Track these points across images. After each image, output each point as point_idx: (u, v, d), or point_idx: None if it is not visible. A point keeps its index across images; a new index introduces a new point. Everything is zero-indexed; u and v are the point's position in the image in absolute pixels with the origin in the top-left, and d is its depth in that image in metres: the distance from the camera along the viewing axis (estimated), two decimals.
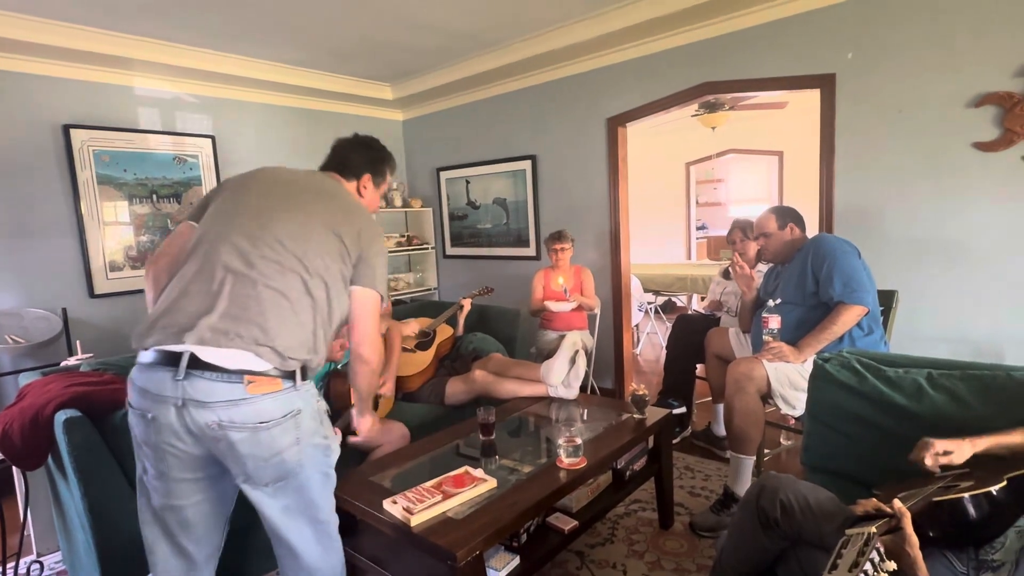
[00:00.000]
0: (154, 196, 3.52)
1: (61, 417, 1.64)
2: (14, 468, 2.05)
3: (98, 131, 3.26)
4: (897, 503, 1.02)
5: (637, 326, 5.52)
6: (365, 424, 1.77)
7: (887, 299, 2.51)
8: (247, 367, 1.20)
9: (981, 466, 1.23)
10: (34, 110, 3.07)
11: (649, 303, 5.53)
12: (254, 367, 1.20)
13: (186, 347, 1.18)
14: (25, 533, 2.16)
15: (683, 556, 2.07)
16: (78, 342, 2.71)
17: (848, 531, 0.97)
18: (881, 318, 2.39)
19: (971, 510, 1.09)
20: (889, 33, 2.61)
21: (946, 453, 1.23)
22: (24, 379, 2.00)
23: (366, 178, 1.61)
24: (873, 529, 0.95)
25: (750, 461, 2.26)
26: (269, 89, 3.92)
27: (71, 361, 2.43)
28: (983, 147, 2.45)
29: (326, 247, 1.34)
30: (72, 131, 3.16)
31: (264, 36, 3.19)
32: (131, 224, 3.44)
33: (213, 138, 3.75)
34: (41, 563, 2.15)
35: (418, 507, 1.51)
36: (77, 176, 3.19)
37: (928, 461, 1.23)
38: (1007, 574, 1.01)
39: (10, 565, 1.99)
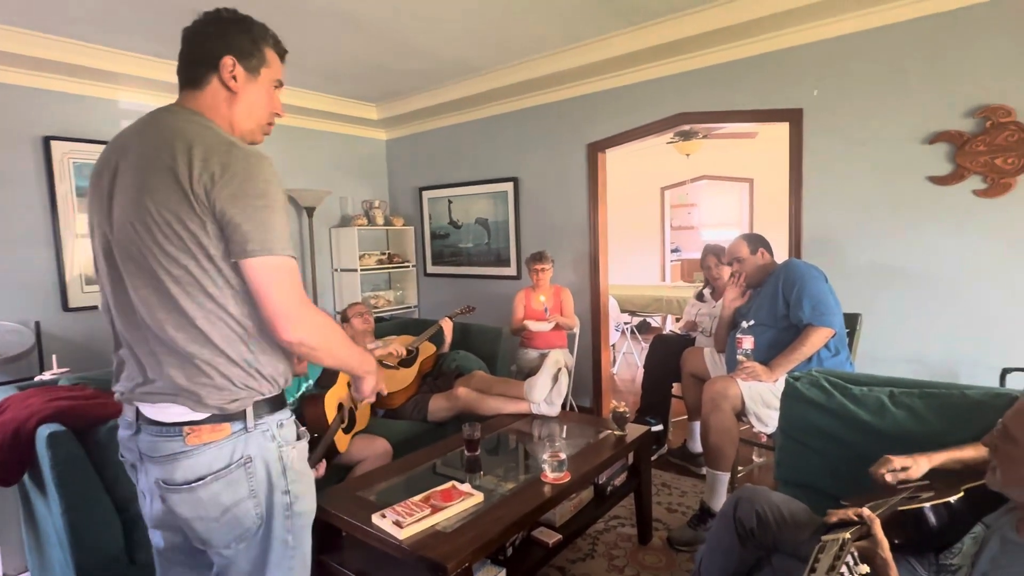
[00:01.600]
0: None
1: (44, 431, 1.63)
2: None
3: (80, 143, 3.23)
4: (867, 510, 1.10)
5: (613, 346, 5.62)
6: (368, 385, 1.26)
7: (852, 322, 2.64)
8: (183, 419, 1.01)
9: (939, 479, 1.33)
10: (15, 121, 3.03)
11: (625, 323, 5.64)
12: (191, 417, 1.01)
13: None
14: None
15: (662, 570, 2.12)
16: (54, 356, 2.66)
17: (824, 537, 1.04)
18: (847, 340, 2.53)
19: (932, 518, 1.18)
20: (851, 72, 2.79)
21: (904, 469, 1.33)
22: (3, 393, 1.97)
23: (227, 63, 1.08)
24: (847, 535, 1.03)
25: (725, 477, 2.34)
26: None
27: (47, 375, 2.39)
28: (937, 181, 2.63)
29: (174, 238, 0.97)
30: (53, 143, 3.13)
31: None
32: None
33: None
34: None
35: (408, 520, 1.54)
36: (56, 188, 3.16)
37: (888, 477, 1.33)
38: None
39: None
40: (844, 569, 0.94)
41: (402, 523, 1.53)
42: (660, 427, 3.14)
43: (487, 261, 4.45)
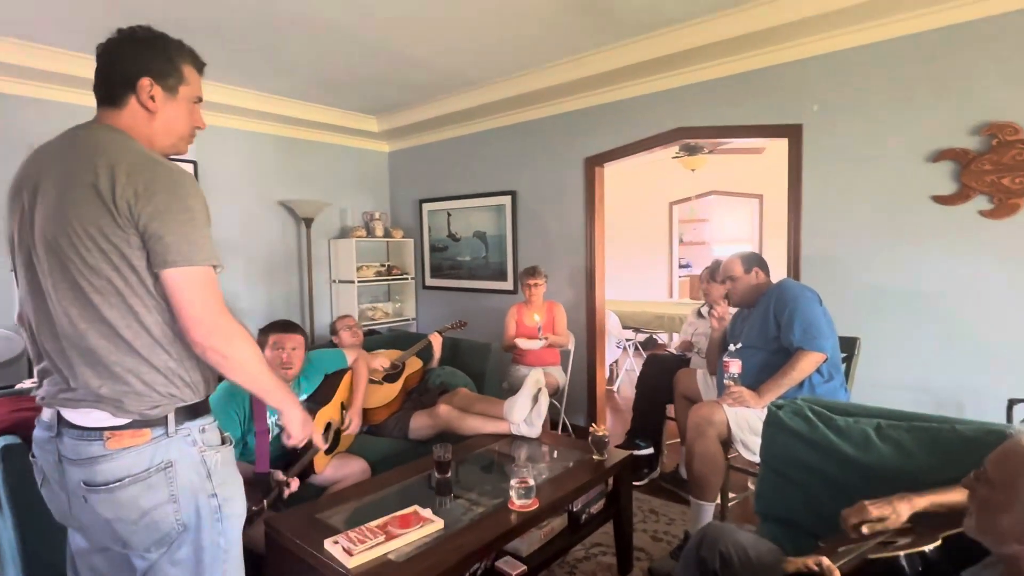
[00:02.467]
0: None
1: None
2: None
3: None
4: (826, 561, 1.02)
5: (616, 362, 5.52)
6: (292, 423, 1.23)
7: (849, 346, 2.53)
8: (104, 424, 1.03)
9: (921, 523, 1.23)
10: (5, 129, 3.07)
11: (628, 340, 5.54)
12: (112, 423, 1.03)
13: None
14: None
15: None
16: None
17: None
18: (842, 365, 2.42)
19: (905, 569, 1.08)
20: (853, 87, 2.70)
21: (880, 520, 1.22)
22: None
23: (145, 84, 1.07)
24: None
25: (710, 507, 2.23)
26: (254, 117, 3.97)
27: (27, 383, 2.39)
28: (942, 201, 2.52)
29: (96, 250, 0.99)
30: None
31: (250, 66, 3.25)
32: None
33: (195, 163, 3.78)
34: None
35: (358, 548, 1.48)
36: None
37: (865, 530, 1.22)
38: None
39: None
40: None
41: (352, 551, 1.46)
42: (650, 450, 3.03)
43: (485, 275, 4.40)
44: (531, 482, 1.76)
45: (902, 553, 1.10)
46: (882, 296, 2.69)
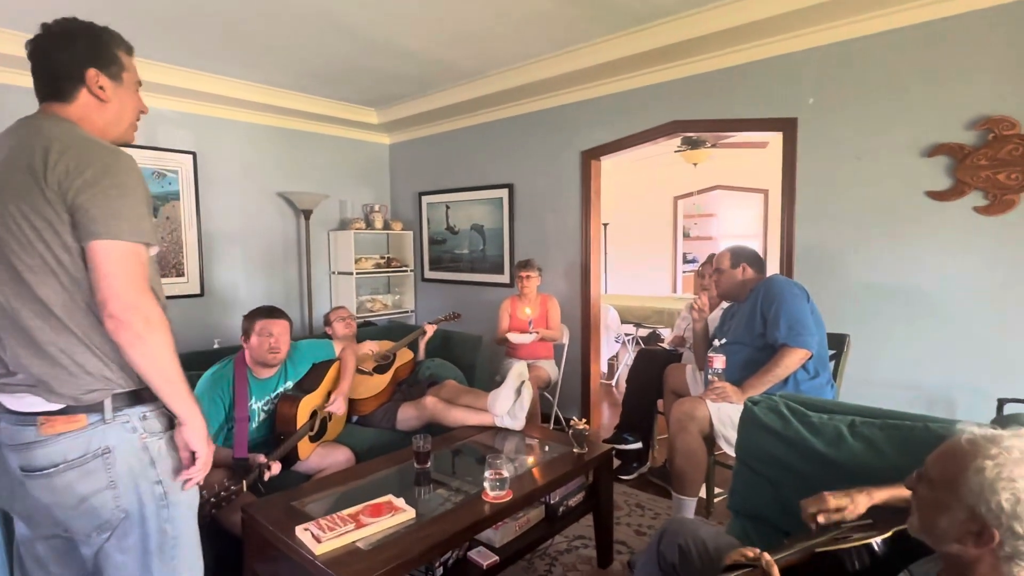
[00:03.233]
0: None
1: None
2: None
3: None
4: (765, 556, 1.01)
5: (616, 356, 5.51)
6: (194, 435, 1.11)
7: (838, 343, 2.51)
8: (38, 408, 1.03)
9: (884, 517, 1.22)
10: (10, 122, 3.12)
11: (627, 335, 5.52)
12: (45, 407, 1.03)
13: None
14: None
15: None
16: None
17: None
18: (830, 362, 2.39)
19: (853, 562, 1.08)
20: (848, 81, 2.66)
21: (839, 510, 1.22)
22: None
23: (92, 75, 1.10)
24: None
25: (692, 502, 2.23)
26: (253, 109, 4.00)
27: None
28: (936, 196, 2.48)
29: (28, 228, 1.00)
30: None
31: (248, 58, 3.27)
32: None
33: (194, 154, 3.81)
34: None
35: (327, 535, 1.50)
36: None
37: (821, 519, 1.22)
38: None
39: None
40: None
41: (321, 538, 1.49)
42: (638, 445, 3.03)
43: (482, 268, 4.40)
44: (505, 474, 1.77)
45: (849, 546, 1.09)
46: (874, 292, 2.66)
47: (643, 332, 5.81)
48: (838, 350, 2.50)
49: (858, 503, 1.22)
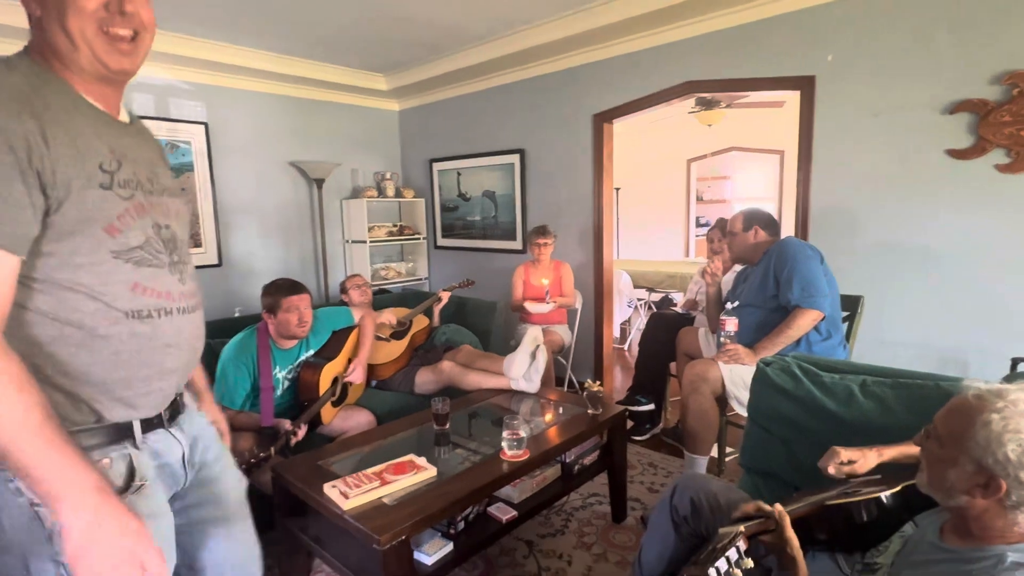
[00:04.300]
0: None
1: None
2: None
3: None
4: (778, 507, 1.06)
5: (628, 321, 5.54)
6: (69, 524, 0.74)
7: (852, 304, 2.51)
8: None
9: (891, 473, 1.26)
10: None
11: (640, 299, 5.54)
12: None
13: None
14: None
15: (629, 550, 2.11)
16: None
17: (721, 530, 1.01)
18: (843, 324, 2.40)
19: (862, 514, 1.12)
20: (869, 36, 2.58)
21: (850, 462, 1.26)
22: None
23: None
24: (741, 528, 1.00)
25: (703, 460, 2.29)
26: (264, 78, 3.98)
27: None
28: (956, 155, 2.43)
29: None
30: None
31: (257, 25, 3.24)
32: None
33: (206, 125, 3.82)
34: None
35: (354, 492, 1.57)
36: None
37: (831, 469, 1.27)
38: (882, 574, 1.04)
39: None
40: (723, 562, 0.92)
41: (348, 494, 1.56)
42: (651, 406, 3.09)
43: (495, 235, 4.42)
44: (522, 434, 1.83)
45: (858, 499, 1.14)
46: (890, 252, 2.64)
47: (655, 297, 5.82)
48: (852, 311, 2.51)
49: (868, 458, 1.26)
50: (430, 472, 1.70)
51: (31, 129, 0.74)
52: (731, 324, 2.29)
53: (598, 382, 2.25)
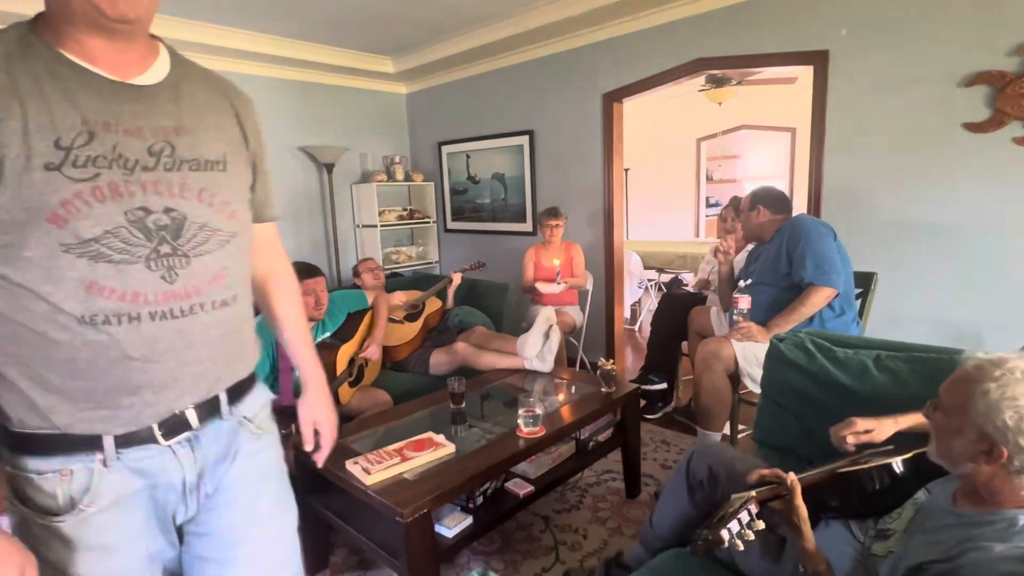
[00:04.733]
0: None
1: None
2: None
3: None
4: (791, 475, 1.08)
5: (638, 302, 5.55)
6: None
7: (865, 281, 2.51)
8: None
9: (907, 443, 1.28)
10: None
11: (650, 280, 5.54)
12: None
13: None
14: None
15: (643, 524, 2.15)
16: None
17: (734, 496, 1.04)
18: (856, 300, 2.40)
19: (873, 481, 1.15)
20: (884, 7, 2.54)
21: (867, 432, 1.28)
22: None
23: None
24: (753, 493, 1.03)
25: (716, 436, 2.32)
26: (271, 62, 3.98)
27: None
28: (973, 128, 2.40)
29: None
30: None
31: (263, 9, 3.24)
32: None
33: None
34: None
35: (376, 468, 1.61)
36: None
37: (850, 439, 1.29)
38: (895, 540, 1.06)
39: None
40: (734, 523, 0.95)
41: (370, 470, 1.60)
42: (663, 385, 3.11)
43: (505, 217, 4.42)
44: (538, 411, 1.86)
45: (870, 466, 1.16)
46: (905, 228, 2.63)
47: (665, 277, 5.82)
48: (865, 288, 2.51)
49: (884, 426, 1.28)
50: (449, 448, 1.74)
51: None
52: (744, 302, 2.30)
53: (611, 361, 2.27)
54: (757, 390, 2.32)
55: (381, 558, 1.63)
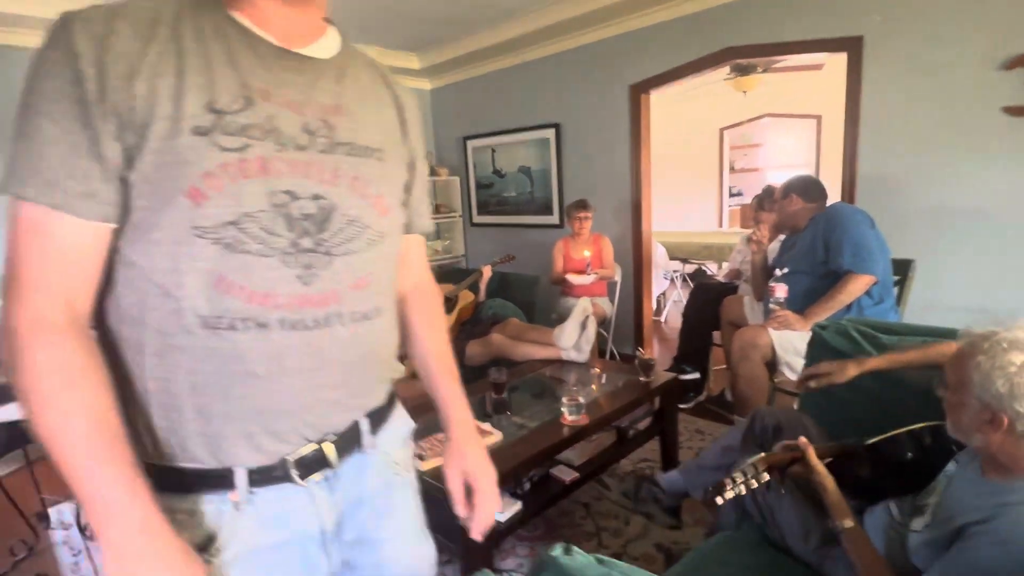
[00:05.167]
0: None
1: None
2: None
3: None
4: (802, 439, 1.22)
5: (664, 294, 5.55)
6: (102, 533, 0.56)
7: (903, 268, 2.50)
8: None
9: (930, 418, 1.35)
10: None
11: (675, 271, 5.54)
12: None
13: None
14: None
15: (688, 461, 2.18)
16: None
17: (752, 459, 1.15)
18: (894, 288, 2.40)
19: (903, 450, 1.24)
20: None
21: (827, 375, 1.51)
22: None
23: None
24: (762, 455, 1.18)
25: None
26: None
27: None
28: (1014, 112, 2.37)
29: None
30: None
31: None
32: None
33: None
34: None
35: (429, 454, 1.67)
36: None
37: (812, 383, 1.51)
38: (930, 513, 1.11)
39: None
40: (739, 474, 1.14)
41: (424, 456, 1.66)
42: (696, 375, 3.13)
43: (531, 210, 4.45)
44: (581, 400, 1.90)
45: (894, 433, 1.26)
46: (942, 215, 2.61)
47: (689, 269, 5.82)
48: (902, 275, 2.50)
49: (846, 368, 1.46)
50: (496, 436, 1.79)
51: (123, 52, 0.56)
52: (780, 291, 2.31)
53: (648, 351, 2.30)
54: (794, 377, 2.34)
55: (436, 542, 1.68)
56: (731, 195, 7.78)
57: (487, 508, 0.87)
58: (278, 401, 0.65)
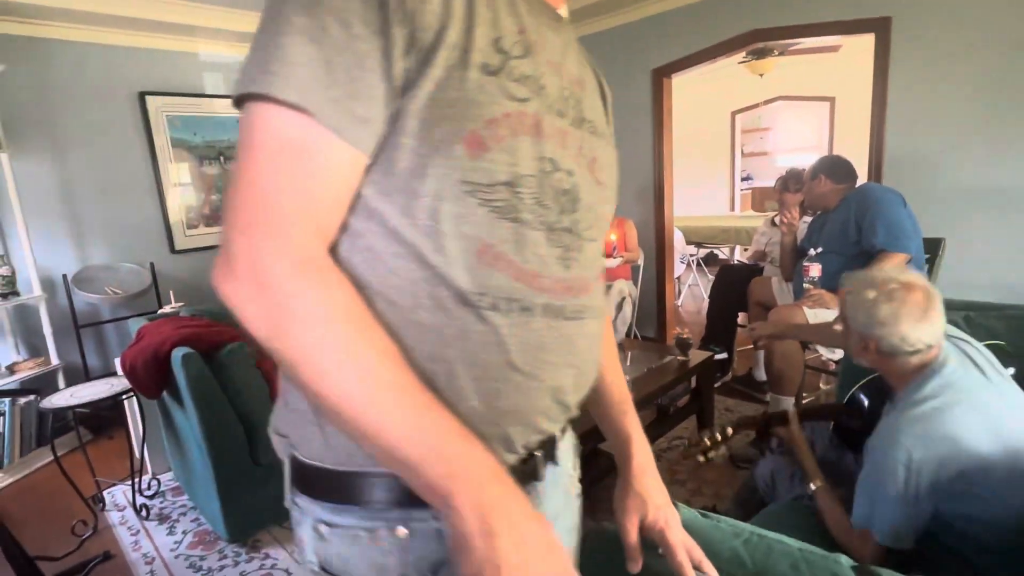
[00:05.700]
0: (221, 158, 3.76)
1: (178, 353, 1.91)
2: (126, 404, 2.38)
3: (170, 97, 3.48)
4: (792, 409, 1.50)
5: (679, 278, 5.59)
6: (460, 531, 0.43)
7: (933, 247, 2.54)
8: None
9: None
10: (114, 78, 3.29)
11: (691, 255, 5.58)
12: None
13: None
14: (140, 456, 2.51)
15: (722, 485, 2.25)
16: (171, 292, 3.01)
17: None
18: (925, 266, 2.44)
19: (865, 395, 1.47)
20: None
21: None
22: (134, 324, 2.30)
23: None
24: (736, 419, 1.44)
25: (789, 400, 2.39)
26: None
27: (168, 309, 2.74)
28: None
29: None
30: (147, 98, 3.39)
31: None
32: (202, 184, 3.70)
33: None
34: (159, 480, 2.52)
35: None
36: (154, 140, 3.45)
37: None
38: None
39: (136, 481, 2.33)
40: (717, 430, 1.53)
41: None
42: (724, 355, 3.18)
43: None
44: (627, 377, 1.95)
45: (862, 382, 1.50)
46: (972, 194, 2.64)
47: (701, 253, 5.85)
48: (933, 254, 2.54)
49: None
50: None
51: None
52: (815, 270, 2.35)
53: (686, 330, 2.35)
54: (829, 356, 2.40)
55: None
56: (742, 179, 7.80)
57: (696, 556, 0.70)
58: (525, 402, 0.53)
